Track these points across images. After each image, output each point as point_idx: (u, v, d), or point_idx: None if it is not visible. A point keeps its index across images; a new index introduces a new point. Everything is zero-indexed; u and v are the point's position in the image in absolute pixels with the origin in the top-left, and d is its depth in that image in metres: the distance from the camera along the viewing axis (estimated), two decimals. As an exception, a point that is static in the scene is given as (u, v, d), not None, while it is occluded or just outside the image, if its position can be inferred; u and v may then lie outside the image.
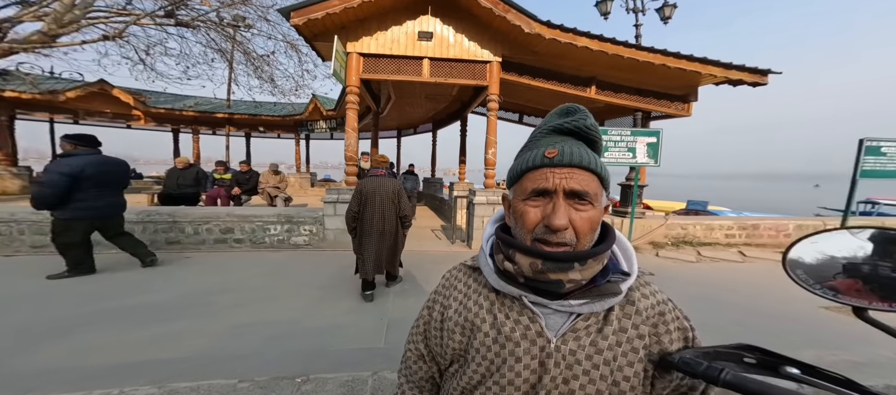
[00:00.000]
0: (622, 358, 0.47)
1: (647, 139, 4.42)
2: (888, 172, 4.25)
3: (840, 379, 0.37)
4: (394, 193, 2.82)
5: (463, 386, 0.53)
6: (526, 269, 0.47)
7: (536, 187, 0.47)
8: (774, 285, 3.12)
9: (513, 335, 0.49)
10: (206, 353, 2.00)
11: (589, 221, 0.46)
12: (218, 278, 3.40)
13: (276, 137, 13.90)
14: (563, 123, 0.49)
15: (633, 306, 0.50)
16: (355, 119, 4.69)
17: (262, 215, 4.65)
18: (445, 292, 0.59)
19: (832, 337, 2.15)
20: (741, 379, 0.37)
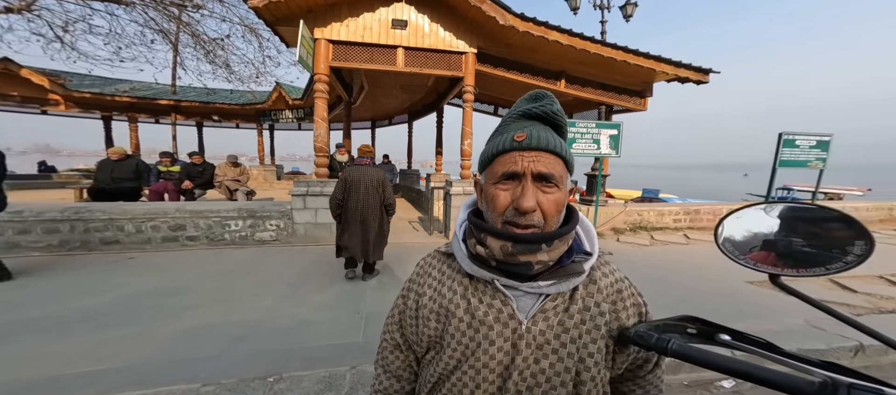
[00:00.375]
0: (587, 336, 0.50)
1: (610, 131, 4.72)
2: (801, 161, 4.99)
3: (762, 342, 0.43)
4: (378, 182, 2.86)
5: (440, 372, 0.54)
6: (497, 252, 0.48)
7: (506, 171, 0.48)
8: (712, 264, 3.51)
9: (486, 319, 0.50)
10: (154, 359, 1.79)
11: (555, 203, 0.48)
12: (167, 278, 3.06)
13: (235, 128, 12.77)
14: (532, 108, 0.50)
15: (595, 284, 0.53)
16: (325, 109, 4.43)
17: (220, 210, 4.25)
18: (420, 281, 0.60)
19: (755, 308, 2.47)
20: (685, 348, 0.42)
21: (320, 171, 4.58)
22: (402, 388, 0.64)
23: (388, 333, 0.64)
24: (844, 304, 2.57)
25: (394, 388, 0.64)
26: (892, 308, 2.45)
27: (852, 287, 2.88)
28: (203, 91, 10.77)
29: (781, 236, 0.42)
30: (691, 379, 1.76)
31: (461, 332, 0.51)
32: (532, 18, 4.23)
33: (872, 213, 6.32)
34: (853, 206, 6.47)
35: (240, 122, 12.28)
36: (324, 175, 4.59)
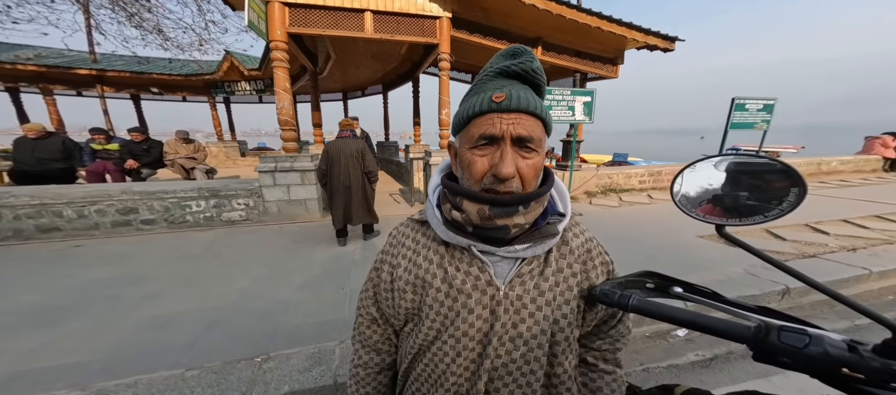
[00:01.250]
0: (560, 297, 0.51)
1: (584, 98, 4.80)
2: (749, 123, 5.49)
3: (708, 292, 0.48)
4: (358, 151, 3.08)
5: (419, 343, 0.53)
6: (473, 216, 0.47)
7: (484, 133, 0.45)
8: (671, 221, 3.85)
9: (464, 287, 0.50)
10: (122, 350, 1.67)
11: (534, 167, 0.46)
12: (123, 266, 2.80)
13: (181, 101, 11.34)
14: (510, 65, 0.46)
15: (567, 245, 0.53)
16: (286, 79, 4.01)
17: (176, 190, 3.87)
18: (393, 251, 0.57)
19: (703, 261, 2.75)
20: (643, 304, 0.46)
21: (289, 145, 4.25)
22: (383, 361, 0.63)
23: (363, 307, 0.63)
24: (776, 251, 2.96)
25: (374, 361, 0.63)
26: (813, 253, 2.87)
27: (782, 236, 3.32)
28: (133, 60, 9.32)
29: (728, 188, 0.45)
30: (652, 330, 1.96)
31: (439, 302, 0.51)
32: None
33: (803, 168, 7.16)
34: (789, 161, 7.30)
35: (187, 94, 10.88)
36: (293, 150, 4.28)
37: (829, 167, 7.39)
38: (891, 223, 3.62)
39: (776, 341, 0.36)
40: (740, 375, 1.60)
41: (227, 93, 10.53)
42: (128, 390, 1.35)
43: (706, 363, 1.70)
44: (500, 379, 0.50)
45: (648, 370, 1.67)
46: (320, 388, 1.38)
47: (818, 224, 3.63)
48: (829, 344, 0.34)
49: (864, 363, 0.33)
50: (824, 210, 4.19)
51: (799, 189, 0.40)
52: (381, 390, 0.64)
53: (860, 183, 6.27)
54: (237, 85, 10.26)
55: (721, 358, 1.71)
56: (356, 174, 3.08)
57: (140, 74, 9.23)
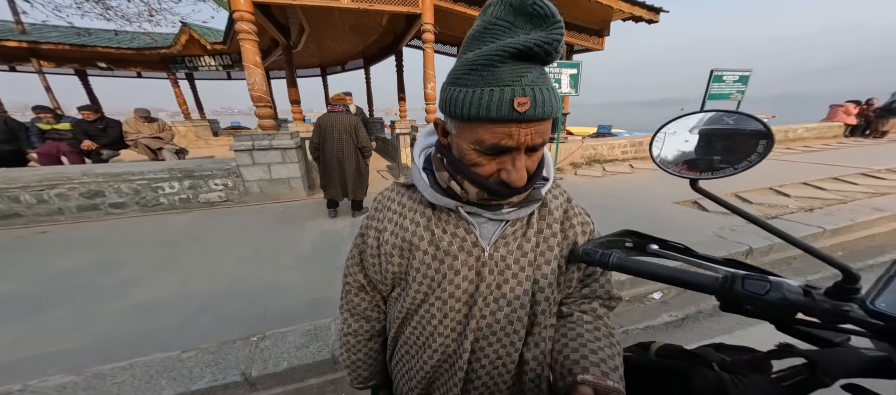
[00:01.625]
0: (541, 258, 0.52)
1: (570, 71, 4.74)
2: (725, 94, 5.65)
3: (681, 248, 0.51)
4: (350, 126, 3.09)
5: (407, 307, 0.54)
6: (473, 196, 0.47)
7: (498, 144, 0.39)
8: (651, 189, 4.03)
9: (451, 249, 0.50)
10: (112, 336, 1.63)
11: (538, 159, 0.46)
12: (94, 252, 2.66)
13: (136, 76, 10.27)
14: (539, 41, 0.35)
15: (547, 207, 0.54)
16: (256, 53, 3.65)
17: (144, 172, 3.63)
18: (379, 216, 0.57)
19: (678, 226, 2.95)
20: (623, 261, 0.48)
21: (265, 123, 4.00)
22: (372, 328, 0.64)
23: (350, 275, 0.62)
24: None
25: (364, 329, 0.63)
26: (775, 214, 3.10)
27: (749, 199, 3.55)
28: (71, 31, 8.20)
29: (701, 143, 0.46)
30: (631, 295, 2.09)
31: (426, 265, 0.51)
32: None
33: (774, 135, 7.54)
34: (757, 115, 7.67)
35: (141, 70, 9.81)
36: (270, 127, 4.03)
37: (795, 135, 7.81)
38: (846, 184, 3.93)
39: (741, 289, 0.39)
40: (708, 331, 1.77)
41: (189, 68, 9.57)
42: (124, 372, 1.34)
43: (678, 323, 1.86)
44: (485, 339, 0.52)
45: (628, 331, 1.81)
46: (318, 363, 1.41)
47: (781, 187, 3.90)
48: (787, 290, 0.37)
49: (817, 305, 0.36)
50: (787, 174, 4.48)
51: (768, 141, 0.42)
52: (372, 356, 0.65)
53: (822, 148, 6.69)
54: (200, 60, 9.31)
55: (691, 317, 1.88)
56: (349, 148, 3.12)
57: (81, 47, 8.16)
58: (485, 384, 0.55)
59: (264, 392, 1.36)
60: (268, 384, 1.36)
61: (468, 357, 0.52)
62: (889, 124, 7.83)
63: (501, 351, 0.52)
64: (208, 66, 9.41)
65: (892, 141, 7.32)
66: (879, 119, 7.83)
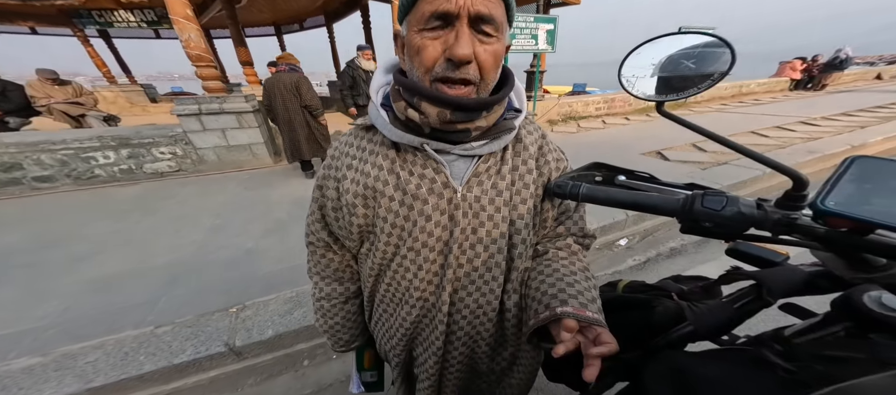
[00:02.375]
0: (517, 197, 0.49)
1: (547, 26, 4.54)
2: None
3: (645, 176, 0.54)
4: (292, 85, 2.98)
5: (379, 263, 0.50)
6: (433, 119, 0.41)
7: (436, 10, 0.37)
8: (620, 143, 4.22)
9: (419, 192, 0.45)
10: (75, 314, 1.51)
11: (494, 55, 0.40)
12: (26, 230, 2.36)
13: (30, 33, 8.31)
14: None
15: (521, 142, 0.50)
16: (186, 6, 3.03)
17: (66, 140, 3.12)
18: (336, 164, 0.51)
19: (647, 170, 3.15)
20: (593, 191, 0.49)
21: (211, 84, 3.47)
22: (347, 290, 0.59)
23: (312, 234, 0.56)
24: (697, 161, 3.44)
25: (337, 292, 0.59)
26: (725, 161, 3.39)
27: (703, 148, 3.84)
28: None
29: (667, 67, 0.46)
30: (600, 243, 2.24)
31: (394, 212, 0.46)
32: None
33: (727, 90, 8.01)
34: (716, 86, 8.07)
35: (35, 24, 7.90)
36: (218, 90, 3.52)
37: (748, 89, 8.34)
38: (786, 132, 4.34)
39: (700, 206, 0.40)
40: (666, 271, 1.97)
41: (101, 24, 7.84)
42: (96, 351, 1.26)
43: (641, 265, 2.06)
44: (464, 289, 0.49)
45: (597, 278, 1.99)
46: (305, 328, 1.41)
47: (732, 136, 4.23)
48: (741, 204, 0.39)
49: (768, 216, 0.37)
50: (739, 125, 4.85)
51: (729, 54, 0.41)
52: (350, 318, 0.61)
53: (770, 101, 7.24)
54: (113, 14, 7.62)
55: (652, 260, 2.09)
56: (294, 108, 3.03)
57: None
58: (467, 334, 0.53)
59: (253, 360, 1.36)
60: (256, 352, 1.35)
61: (448, 309, 0.50)
62: (831, 78, 8.58)
63: (481, 299, 0.50)
64: (125, 21, 7.78)
65: (829, 93, 8.06)
66: (823, 73, 8.52)
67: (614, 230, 2.30)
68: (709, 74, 0.42)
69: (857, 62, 13.17)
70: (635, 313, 0.61)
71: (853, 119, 4.78)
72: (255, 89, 5.13)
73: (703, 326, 0.49)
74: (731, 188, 2.87)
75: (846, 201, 0.30)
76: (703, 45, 0.44)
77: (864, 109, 5.41)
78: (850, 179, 0.32)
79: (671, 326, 0.55)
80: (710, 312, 0.50)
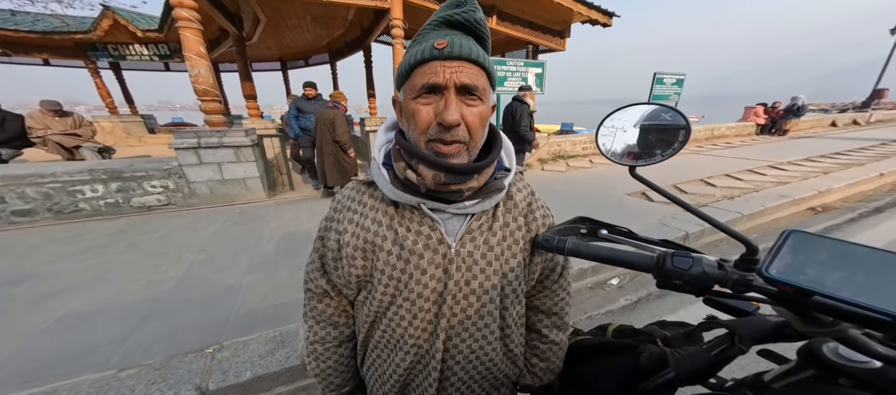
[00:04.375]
0: (508, 251, 0.53)
1: (535, 70, 4.99)
2: (665, 95, 6.36)
3: (625, 231, 0.57)
4: (328, 120, 3.52)
5: (375, 310, 0.53)
6: (429, 181, 0.46)
7: (427, 83, 0.43)
8: (605, 183, 4.40)
9: (416, 247, 0.49)
10: (29, 356, 1.38)
11: (479, 116, 0.45)
12: None
13: (43, 64, 8.67)
14: (453, 15, 0.45)
15: (512, 199, 0.55)
16: (200, 44, 3.27)
17: (55, 173, 3.09)
18: (338, 217, 0.55)
19: (630, 213, 3.27)
20: (576, 246, 0.52)
21: (213, 118, 3.61)
22: (341, 334, 0.61)
23: (311, 281, 0.59)
24: None
25: (331, 336, 0.61)
26: (706, 202, 3.56)
27: (684, 189, 4.04)
28: None
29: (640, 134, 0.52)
30: (593, 282, 2.26)
31: (391, 265, 0.50)
32: None
33: (700, 133, 8.62)
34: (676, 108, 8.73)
35: (49, 57, 8.25)
36: (220, 123, 3.65)
37: (719, 132, 9.02)
38: (758, 175, 4.63)
39: (670, 265, 0.44)
40: (656, 311, 1.98)
41: (114, 57, 8.26)
42: None
43: (633, 305, 2.05)
44: (458, 335, 0.52)
45: (591, 317, 1.97)
46: (287, 370, 1.33)
47: (709, 179, 4.49)
48: (705, 264, 0.43)
49: (728, 276, 0.42)
50: (714, 167, 5.16)
51: (686, 130, 0.48)
52: (342, 362, 0.63)
53: (740, 144, 7.82)
54: (128, 48, 8.10)
55: (643, 300, 2.09)
56: (327, 140, 3.53)
57: None
58: (461, 380, 0.55)
59: (225, 406, 1.25)
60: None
61: (441, 356, 0.52)
62: (790, 124, 9.38)
63: (474, 345, 0.53)
64: (139, 55, 8.24)
65: (791, 138, 8.78)
66: (783, 119, 9.35)
67: (606, 270, 2.32)
68: (670, 142, 0.49)
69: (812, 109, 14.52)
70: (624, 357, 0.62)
71: (817, 164, 5.17)
72: (256, 122, 5.29)
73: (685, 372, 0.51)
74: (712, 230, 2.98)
75: (785, 270, 0.35)
76: (665, 115, 0.50)
77: (825, 155, 5.88)
78: (788, 251, 0.36)
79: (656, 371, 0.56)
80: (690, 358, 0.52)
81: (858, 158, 5.57)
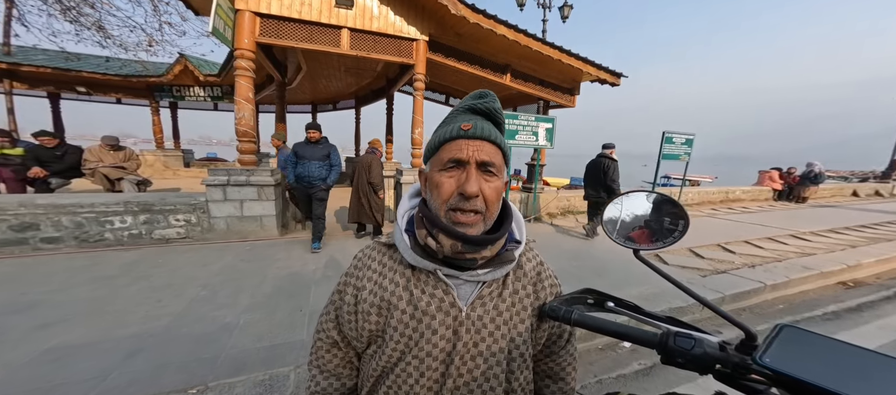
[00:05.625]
0: (516, 317, 0.56)
1: (546, 125, 5.28)
2: (675, 154, 6.38)
3: (631, 305, 0.57)
4: (366, 163, 3.99)
5: (383, 365, 0.55)
6: (447, 249, 0.51)
7: (453, 157, 0.51)
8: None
9: (429, 308, 0.53)
10: (3, 390, 1.36)
11: (495, 190, 0.52)
12: (6, 292, 2.30)
13: (115, 102, 10.05)
14: (477, 104, 0.55)
15: (522, 268, 0.59)
16: (249, 89, 3.81)
17: (94, 204, 3.34)
18: (358, 274, 0.59)
19: (643, 275, 2.99)
20: (583, 318, 0.54)
21: (246, 158, 3.97)
22: (343, 386, 0.63)
23: (323, 331, 0.63)
24: (695, 267, 3.41)
25: (333, 387, 0.62)
26: (725, 269, 3.37)
27: (701, 254, 3.86)
28: (60, 55, 8.10)
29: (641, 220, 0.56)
30: (604, 343, 2.11)
31: (404, 324, 0.53)
32: (482, 11, 4.38)
33: (714, 195, 8.46)
34: (705, 190, 8.57)
35: (122, 96, 9.66)
36: (250, 163, 3.99)
37: (734, 196, 8.87)
38: (780, 244, 4.42)
39: (673, 344, 0.45)
40: (674, 379, 1.79)
41: (176, 97, 9.56)
42: None
43: (647, 371, 1.87)
44: None
45: (601, 380, 1.79)
46: (270, 419, 1.24)
47: (727, 244, 4.30)
48: (707, 346, 0.44)
49: (729, 358, 0.43)
50: (732, 233, 4.99)
51: (684, 221, 0.52)
52: None
53: (757, 210, 7.61)
54: (189, 90, 9.39)
55: (658, 367, 1.89)
56: (362, 181, 3.94)
57: (65, 71, 8.02)
58: None
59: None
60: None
61: None
62: (809, 191, 9.15)
63: None
64: (196, 96, 9.43)
65: (810, 206, 8.49)
66: (800, 186, 9.15)
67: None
68: (671, 231, 0.52)
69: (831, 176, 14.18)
70: None
71: (842, 237, 4.92)
72: None
73: None
74: (733, 297, 2.79)
75: (778, 360, 0.38)
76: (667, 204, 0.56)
77: (850, 227, 5.61)
78: (780, 342, 0.40)
79: None
80: None
81: (886, 232, 5.29)
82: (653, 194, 0.57)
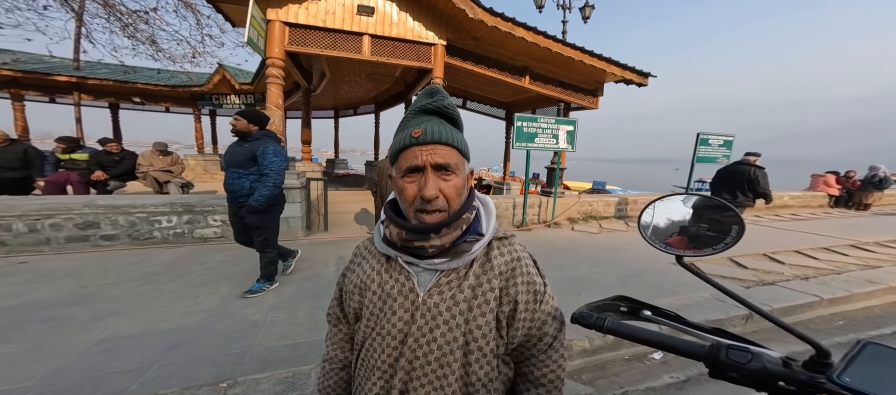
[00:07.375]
0: (477, 310, 0.56)
1: (567, 127, 5.09)
2: (712, 157, 5.89)
3: (672, 315, 0.54)
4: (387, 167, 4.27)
5: (361, 339, 0.62)
6: (395, 237, 0.56)
7: (409, 165, 0.53)
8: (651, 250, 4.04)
9: (392, 292, 0.58)
10: (60, 376, 1.50)
11: (455, 188, 0.54)
12: (70, 285, 2.56)
13: (164, 111, 11.06)
14: (427, 104, 0.56)
15: (490, 262, 0.59)
16: (279, 96, 4.04)
17: (146, 205, 3.67)
18: (355, 260, 0.67)
19: (676, 284, 2.85)
20: (617, 325, 0.51)
21: (272, 161, 4.19)
22: (346, 358, 0.70)
23: (330, 309, 0.72)
24: (737, 278, 3.14)
25: (338, 357, 0.70)
26: (772, 281, 3.07)
27: (744, 264, 3.54)
28: (118, 69, 9.08)
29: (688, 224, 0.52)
30: (630, 353, 1.99)
31: (373, 303, 0.59)
32: (500, 14, 4.33)
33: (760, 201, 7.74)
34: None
35: (170, 105, 10.64)
36: (275, 166, 4.22)
37: (781, 202, 8.06)
38: (837, 255, 3.96)
39: (725, 358, 0.42)
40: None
41: (215, 106, 10.37)
42: None
43: (680, 385, 1.73)
44: (417, 379, 0.56)
45: (627, 392, 1.68)
46: (291, 415, 1.29)
47: (775, 254, 3.92)
48: (767, 361, 0.40)
49: (795, 376, 0.39)
50: (779, 241, 4.54)
51: (739, 227, 0.48)
52: (341, 385, 0.70)
53: (809, 217, 6.87)
54: (226, 98, 10.15)
55: (693, 380, 1.75)
56: (383, 185, 3.87)
57: (124, 83, 8.96)
58: None
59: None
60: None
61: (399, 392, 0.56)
62: (872, 197, 8.14)
63: (433, 393, 0.56)
64: (232, 103, 10.20)
65: (874, 214, 7.54)
66: (861, 191, 8.17)
67: (645, 346, 2.01)
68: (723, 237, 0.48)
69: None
70: None
71: (915, 247, 4.32)
72: (307, 166, 5.96)
73: None
74: (782, 311, 2.52)
75: (860, 380, 0.34)
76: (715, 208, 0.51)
77: (927, 237, 4.91)
78: (862, 361, 0.36)
79: None
80: None
81: (975, 243, 4.58)
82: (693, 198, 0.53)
